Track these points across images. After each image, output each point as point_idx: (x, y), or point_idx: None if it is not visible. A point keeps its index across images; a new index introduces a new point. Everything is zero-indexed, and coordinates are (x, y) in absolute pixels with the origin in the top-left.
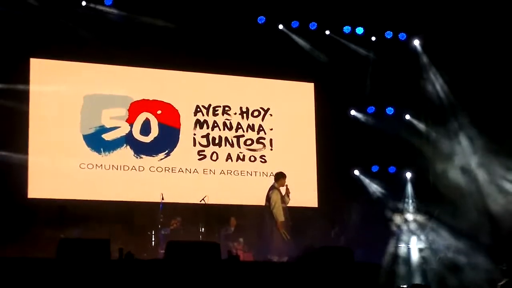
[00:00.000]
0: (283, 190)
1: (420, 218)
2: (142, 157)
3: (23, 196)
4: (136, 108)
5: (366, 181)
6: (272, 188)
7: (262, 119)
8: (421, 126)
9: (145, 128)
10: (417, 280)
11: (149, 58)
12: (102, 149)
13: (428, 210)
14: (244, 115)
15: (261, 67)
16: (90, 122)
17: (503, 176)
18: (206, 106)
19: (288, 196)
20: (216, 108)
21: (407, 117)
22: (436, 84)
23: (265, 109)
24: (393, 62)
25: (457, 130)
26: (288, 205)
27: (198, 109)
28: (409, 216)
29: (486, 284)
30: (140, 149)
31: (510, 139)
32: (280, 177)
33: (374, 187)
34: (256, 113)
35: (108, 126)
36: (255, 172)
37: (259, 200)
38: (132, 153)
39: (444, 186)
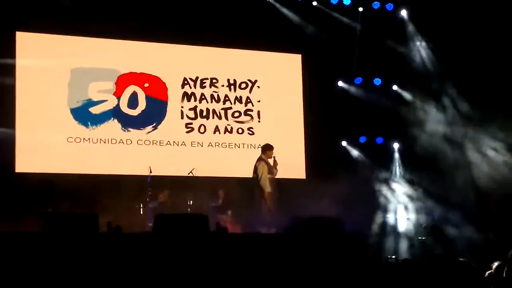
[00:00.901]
0: (271, 162)
1: (407, 188)
2: (129, 130)
3: (11, 171)
4: (123, 81)
5: (354, 152)
6: (259, 159)
7: (250, 91)
8: (408, 96)
9: (133, 101)
10: (404, 250)
11: (136, 31)
12: (89, 123)
13: (415, 180)
14: (232, 87)
15: (249, 39)
16: (77, 95)
17: (488, 144)
18: (194, 79)
19: (276, 167)
20: (204, 81)
21: (394, 87)
22: (424, 54)
23: (253, 81)
24: (381, 33)
25: (444, 100)
26: (276, 176)
27: (186, 82)
28: (397, 187)
29: (472, 253)
30: (128, 122)
31: (495, 107)
32: (267, 149)
33: (362, 158)
34: (243, 85)
35: (95, 100)
36: (243, 144)
37: (247, 172)
38: (120, 126)
39: (431, 156)
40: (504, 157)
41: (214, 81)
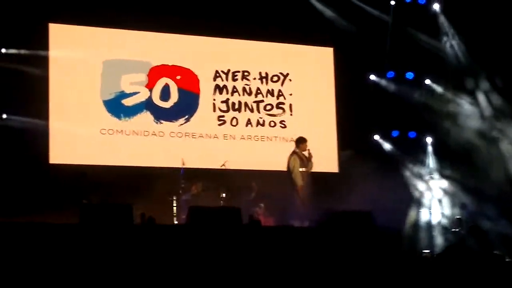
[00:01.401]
0: (306, 154)
1: (440, 182)
2: (162, 123)
3: (45, 162)
4: (155, 73)
5: (386, 146)
6: (292, 153)
7: (282, 84)
8: (441, 90)
9: (165, 94)
10: (439, 244)
11: (168, 23)
12: (122, 115)
13: (448, 174)
14: (264, 80)
15: (281, 32)
16: (110, 87)
17: None
18: (226, 71)
19: (311, 160)
20: (236, 73)
21: (427, 81)
22: (456, 48)
23: (285, 74)
24: (413, 26)
25: (477, 94)
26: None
27: (218, 74)
28: (430, 181)
29: (506, 247)
30: (160, 114)
31: None
32: (300, 142)
33: (394, 152)
34: (275, 78)
35: (128, 92)
36: (275, 137)
37: (280, 165)
38: (152, 118)
39: (465, 150)
40: None
41: (246, 73)
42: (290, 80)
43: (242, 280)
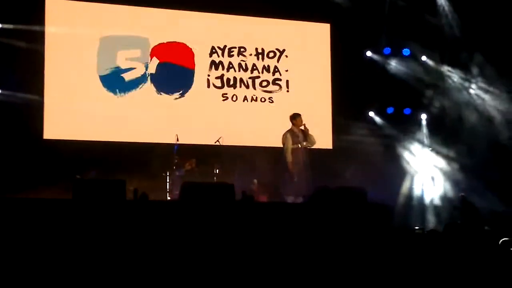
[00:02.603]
0: (302, 129)
1: (435, 159)
2: (161, 94)
3: (39, 137)
4: (151, 49)
5: (381, 122)
6: (288, 130)
7: (278, 60)
8: (437, 67)
9: (161, 70)
10: (431, 221)
11: None
12: (117, 90)
13: (443, 151)
14: (260, 56)
15: (277, 8)
16: (106, 63)
17: None
18: (222, 47)
19: (308, 135)
20: (232, 49)
21: (423, 58)
22: (453, 23)
23: (281, 50)
24: (410, 2)
25: (473, 71)
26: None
27: (214, 50)
28: (424, 157)
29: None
30: (158, 87)
31: None
32: (293, 117)
33: (389, 129)
34: (271, 54)
35: (123, 67)
36: (271, 113)
37: (274, 141)
38: (149, 92)
39: (460, 126)
40: None
41: (242, 50)
42: (286, 56)
43: (234, 256)
